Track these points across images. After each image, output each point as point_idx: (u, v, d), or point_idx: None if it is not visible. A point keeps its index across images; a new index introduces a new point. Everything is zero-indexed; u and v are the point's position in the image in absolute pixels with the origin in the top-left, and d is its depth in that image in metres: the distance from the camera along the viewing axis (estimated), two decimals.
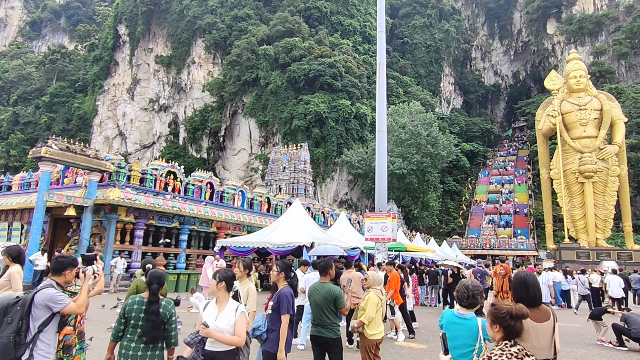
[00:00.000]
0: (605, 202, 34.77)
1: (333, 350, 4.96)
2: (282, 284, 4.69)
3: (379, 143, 15.34)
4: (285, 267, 4.76)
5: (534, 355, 3.39)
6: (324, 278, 5.32)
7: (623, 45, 61.74)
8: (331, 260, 5.63)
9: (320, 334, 4.96)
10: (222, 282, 3.79)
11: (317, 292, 5.13)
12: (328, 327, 4.94)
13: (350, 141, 49.09)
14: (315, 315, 5.05)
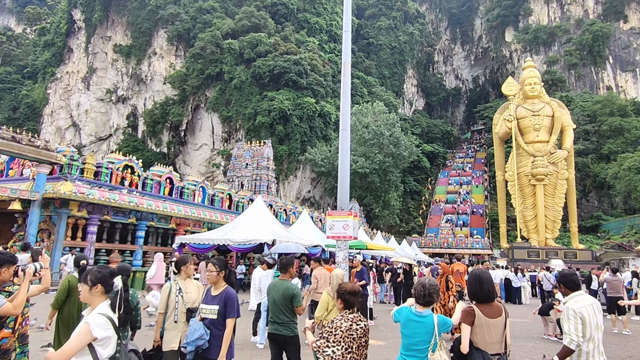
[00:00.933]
0: (554, 203, 36.64)
1: (290, 348, 4.94)
2: (221, 285, 4.31)
3: (342, 142, 15.37)
4: (224, 266, 4.38)
5: (487, 350, 3.51)
6: (283, 275, 5.28)
7: (573, 56, 65.18)
8: (293, 258, 5.60)
9: (277, 332, 4.92)
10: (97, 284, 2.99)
11: (275, 289, 5.08)
12: (285, 324, 4.90)
13: (314, 139, 49.14)
14: (273, 313, 5.00)
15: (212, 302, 4.22)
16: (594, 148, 53.90)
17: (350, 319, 3.53)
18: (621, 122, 52.70)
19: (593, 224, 50.47)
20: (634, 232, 41.31)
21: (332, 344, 3.38)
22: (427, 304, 3.67)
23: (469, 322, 3.58)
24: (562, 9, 71.86)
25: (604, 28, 63.47)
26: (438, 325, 3.53)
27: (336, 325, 3.51)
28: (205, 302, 4.29)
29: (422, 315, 3.62)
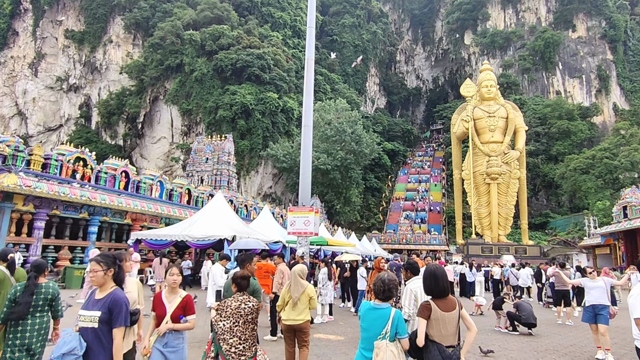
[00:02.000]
0: (507, 202, 38.31)
1: None
2: (109, 287, 3.55)
3: (305, 138, 15.38)
4: (112, 262, 3.61)
5: (442, 342, 3.61)
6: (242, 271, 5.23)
7: (526, 61, 68.23)
8: (252, 254, 5.56)
9: None
10: None
11: None
12: None
13: (276, 135, 48.82)
14: None
15: (93, 307, 3.43)
16: (543, 149, 56.74)
17: (239, 300, 4.05)
18: (568, 126, 55.74)
19: (542, 222, 53.20)
20: (578, 229, 43.89)
21: (223, 318, 3.94)
22: (386, 298, 3.78)
23: (425, 316, 3.66)
24: (517, 15, 74.99)
25: (554, 36, 66.82)
26: (394, 318, 3.62)
27: (227, 304, 4.02)
28: (85, 307, 3.49)
29: (380, 307, 3.71)
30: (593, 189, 45.00)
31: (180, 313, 4.15)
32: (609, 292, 8.44)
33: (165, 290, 4.32)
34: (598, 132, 60.37)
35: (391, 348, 3.53)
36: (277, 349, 7.85)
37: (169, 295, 4.23)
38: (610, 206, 36.84)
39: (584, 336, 10.14)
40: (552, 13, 71.79)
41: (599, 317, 8.04)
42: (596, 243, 34.20)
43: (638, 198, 28.72)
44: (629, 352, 8.61)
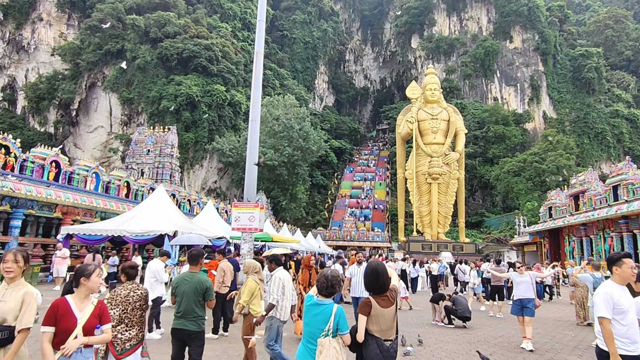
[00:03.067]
0: (446, 201, 40.07)
1: (194, 344, 4.76)
2: None
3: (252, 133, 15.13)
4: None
5: (381, 337, 3.69)
6: (194, 268, 5.05)
7: (468, 67, 71.65)
8: (202, 250, 5.38)
9: (183, 327, 4.71)
10: None
11: (186, 282, 4.85)
12: (194, 319, 4.74)
13: (222, 128, 47.73)
14: (183, 307, 4.76)
15: None
16: (481, 152, 59.91)
17: (128, 289, 4.21)
18: (504, 130, 59.25)
19: (477, 220, 56.22)
20: (509, 228, 46.85)
21: (114, 306, 4.07)
22: (329, 294, 3.80)
23: (366, 312, 3.72)
24: (461, 23, 78.48)
25: (494, 45, 70.71)
26: (336, 314, 3.65)
27: (117, 293, 4.16)
28: None
29: (322, 303, 3.74)
30: (523, 190, 48.23)
31: (96, 322, 3.39)
32: (534, 286, 9.05)
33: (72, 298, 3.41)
34: (529, 137, 64.68)
35: (334, 344, 3.56)
36: (218, 347, 7.66)
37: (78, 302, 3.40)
38: (538, 207, 39.68)
39: (512, 327, 10.82)
40: (492, 23, 75.84)
41: (525, 310, 8.63)
42: (525, 241, 36.69)
43: (561, 200, 31.14)
44: (549, 342, 9.30)
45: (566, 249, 29.54)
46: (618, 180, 23.54)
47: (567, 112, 68.65)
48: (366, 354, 3.70)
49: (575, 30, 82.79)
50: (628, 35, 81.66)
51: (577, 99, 69.71)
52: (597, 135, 66.18)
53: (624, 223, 22.59)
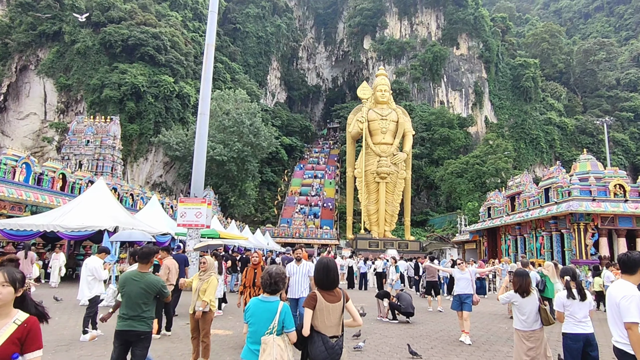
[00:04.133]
0: (393, 200, 41.14)
1: (142, 345, 4.54)
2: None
3: (200, 126, 14.73)
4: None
5: (326, 333, 3.72)
6: (144, 267, 4.78)
7: (417, 70, 73.95)
8: (153, 248, 5.11)
9: (131, 328, 4.47)
10: None
11: (134, 282, 4.59)
12: (144, 320, 4.52)
13: (169, 121, 46.06)
14: (130, 308, 4.51)
15: None
16: (427, 153, 62.10)
17: None
18: (449, 133, 61.77)
19: (422, 219, 58.26)
20: (452, 227, 48.96)
21: None
22: (273, 291, 3.77)
23: (311, 306, 3.75)
24: (411, 27, 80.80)
25: (441, 50, 73.48)
26: (281, 312, 3.63)
27: None
28: None
29: (268, 300, 3.71)
30: (465, 191, 50.58)
31: (14, 350, 2.42)
32: (474, 282, 9.51)
33: None
34: (472, 140, 67.89)
35: (278, 342, 3.53)
36: (160, 347, 7.37)
37: None
38: (478, 207, 41.76)
39: (452, 322, 11.30)
40: (441, 30, 78.74)
41: (464, 305, 9.06)
42: (466, 239, 38.49)
43: (499, 201, 32.97)
44: (485, 334, 9.82)
45: (502, 247, 31.33)
46: (549, 183, 25.27)
47: (507, 118, 72.79)
48: (311, 351, 3.70)
49: (516, 41, 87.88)
50: (561, 49, 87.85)
51: (516, 106, 74.11)
52: (532, 140, 70.74)
53: (553, 223, 24.30)
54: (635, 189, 22.88)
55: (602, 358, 7.66)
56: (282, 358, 3.48)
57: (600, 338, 9.76)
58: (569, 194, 23.15)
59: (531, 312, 5.24)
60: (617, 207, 21.90)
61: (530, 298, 5.30)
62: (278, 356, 3.46)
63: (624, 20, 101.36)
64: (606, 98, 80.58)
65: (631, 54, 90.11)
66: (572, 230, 22.69)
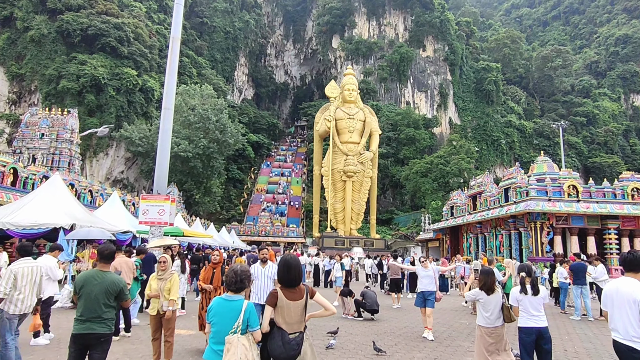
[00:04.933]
0: (359, 198, 41.53)
1: (101, 348, 4.31)
2: None
3: (164, 121, 14.34)
4: None
5: (287, 330, 3.72)
6: (104, 266, 4.56)
7: (384, 71, 74.95)
8: (114, 246, 4.89)
9: (91, 331, 4.24)
10: None
11: (94, 282, 4.36)
12: (104, 321, 4.31)
13: (132, 115, 44.61)
14: (89, 309, 4.27)
15: None
16: (393, 153, 63.07)
17: None
18: (414, 133, 62.97)
19: (388, 217, 59.15)
20: (416, 225, 49.97)
21: None
22: (238, 290, 3.74)
23: (272, 303, 3.77)
24: (379, 28, 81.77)
25: (408, 52, 74.77)
26: (246, 310, 3.60)
27: None
28: None
29: (232, 299, 3.68)
30: (429, 190, 51.73)
31: None
32: (437, 279, 9.71)
33: None
34: (437, 141, 69.53)
35: (242, 341, 3.49)
36: (119, 348, 7.10)
37: None
38: (441, 206, 42.80)
39: (415, 318, 11.52)
40: (408, 31, 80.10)
41: (427, 302, 9.24)
42: (429, 237, 39.36)
43: (462, 200, 33.90)
44: (447, 330, 10.06)
45: (464, 245, 32.24)
46: (509, 183, 26.20)
47: (470, 120, 74.99)
48: (269, 346, 3.71)
49: (479, 45, 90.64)
50: (521, 55, 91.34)
51: (478, 109, 76.46)
52: (493, 142, 73.22)
53: (512, 222, 25.22)
54: (587, 190, 24.07)
55: (554, 351, 7.99)
56: (246, 357, 3.43)
57: (554, 331, 10.20)
58: (526, 194, 24.08)
59: (495, 309, 5.39)
60: (570, 207, 22.97)
61: (494, 296, 5.45)
62: (242, 355, 3.42)
63: (578, 30, 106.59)
64: (562, 103, 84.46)
65: (584, 62, 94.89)
66: (529, 228, 23.62)
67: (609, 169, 66.97)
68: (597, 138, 77.16)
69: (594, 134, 77.70)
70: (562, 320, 12.04)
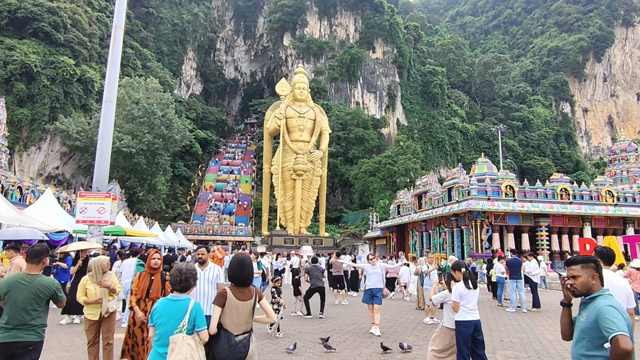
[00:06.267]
0: (309, 197, 41.69)
1: (29, 357, 3.97)
2: None
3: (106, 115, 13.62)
4: None
5: (233, 331, 3.65)
6: (33, 267, 4.17)
7: (335, 71, 75.68)
8: (46, 246, 4.48)
9: (17, 339, 3.89)
10: None
11: (22, 286, 4.00)
12: (33, 328, 3.98)
13: (69, 107, 41.92)
14: (15, 317, 3.92)
15: None
16: (342, 152, 63.86)
17: None
18: (363, 133, 64.11)
19: (337, 216, 59.84)
20: (364, 223, 50.94)
21: None
22: (183, 289, 3.64)
23: (220, 303, 3.67)
24: (331, 28, 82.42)
25: (358, 53, 75.99)
26: (192, 310, 3.50)
27: None
28: None
29: (178, 299, 3.58)
30: (377, 189, 52.92)
31: None
32: (384, 276, 9.94)
33: None
34: (385, 141, 71.21)
35: (188, 341, 3.38)
36: (52, 357, 6.63)
37: None
38: (388, 204, 43.91)
39: (363, 315, 11.73)
40: (358, 32, 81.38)
41: (375, 299, 9.43)
42: (377, 235, 40.30)
43: (408, 199, 34.99)
44: (393, 325, 10.33)
45: (410, 242, 33.32)
46: (452, 183, 27.39)
47: (416, 121, 77.53)
48: (215, 348, 3.61)
49: (426, 49, 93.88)
50: (465, 61, 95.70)
51: (424, 111, 79.23)
52: (438, 143, 76.19)
53: (454, 220, 26.39)
54: (522, 190, 25.69)
55: (492, 341, 8.44)
56: (192, 358, 3.33)
57: (491, 323, 10.75)
58: (468, 193, 25.28)
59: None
60: (507, 205, 24.41)
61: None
62: (188, 355, 3.32)
63: (516, 40, 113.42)
64: (501, 108, 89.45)
65: (521, 69, 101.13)
66: (470, 226, 24.82)
67: (541, 171, 71.85)
68: (532, 141, 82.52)
69: (529, 138, 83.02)
70: (499, 313, 12.76)
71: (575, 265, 2.94)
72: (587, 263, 2.90)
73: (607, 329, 2.46)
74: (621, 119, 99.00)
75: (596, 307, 2.67)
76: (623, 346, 2.33)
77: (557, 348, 8.08)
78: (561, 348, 8.03)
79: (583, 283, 2.86)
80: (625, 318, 2.52)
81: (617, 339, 2.38)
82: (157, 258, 6.00)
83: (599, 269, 2.89)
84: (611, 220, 26.25)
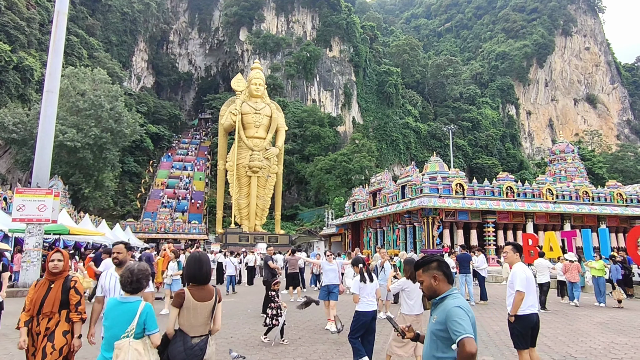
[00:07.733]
0: (265, 194, 41.36)
1: None
2: None
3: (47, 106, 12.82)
4: None
5: (190, 333, 3.50)
6: None
7: (292, 68, 75.44)
8: None
9: None
10: None
11: None
12: None
13: (5, 97, 39.09)
14: None
15: None
16: (298, 149, 63.82)
17: None
18: (319, 131, 64.38)
19: (292, 213, 59.76)
20: (320, 221, 51.20)
21: None
22: (134, 290, 3.47)
23: (178, 304, 3.52)
24: (288, 24, 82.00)
25: (315, 51, 76.17)
26: (142, 312, 3.34)
27: None
28: None
29: (127, 301, 3.40)
30: (333, 186, 53.35)
31: None
32: (340, 273, 10.02)
33: None
34: (341, 139, 71.88)
35: (135, 346, 3.19)
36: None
37: None
38: (344, 202, 44.39)
39: (319, 311, 11.76)
40: (315, 30, 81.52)
41: (331, 295, 9.49)
42: (332, 232, 40.60)
43: (363, 196, 35.51)
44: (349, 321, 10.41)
45: (365, 239, 33.84)
46: (405, 181, 28.07)
47: (371, 120, 78.84)
48: (170, 352, 3.45)
49: (382, 49, 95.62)
50: (419, 62, 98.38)
51: (380, 110, 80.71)
52: (392, 142, 77.88)
53: (407, 217, 27.08)
54: (471, 188, 26.77)
55: None
56: None
57: None
58: (420, 191, 26.02)
59: (418, 297, 5.88)
60: (457, 203, 25.34)
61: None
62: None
63: (467, 44, 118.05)
64: (452, 108, 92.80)
65: (471, 72, 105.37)
66: (422, 223, 25.57)
67: (489, 170, 75.30)
68: (480, 141, 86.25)
69: (478, 138, 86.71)
70: None
71: (418, 270, 2.90)
72: (427, 265, 2.85)
73: (454, 332, 2.48)
74: (560, 122, 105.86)
75: (445, 308, 2.64)
76: (468, 349, 2.37)
77: (503, 338, 8.48)
78: (506, 338, 8.43)
79: (427, 286, 2.82)
80: (470, 317, 2.56)
81: (463, 342, 2.40)
82: (58, 260, 4.28)
83: (442, 266, 2.82)
84: (551, 217, 27.93)
